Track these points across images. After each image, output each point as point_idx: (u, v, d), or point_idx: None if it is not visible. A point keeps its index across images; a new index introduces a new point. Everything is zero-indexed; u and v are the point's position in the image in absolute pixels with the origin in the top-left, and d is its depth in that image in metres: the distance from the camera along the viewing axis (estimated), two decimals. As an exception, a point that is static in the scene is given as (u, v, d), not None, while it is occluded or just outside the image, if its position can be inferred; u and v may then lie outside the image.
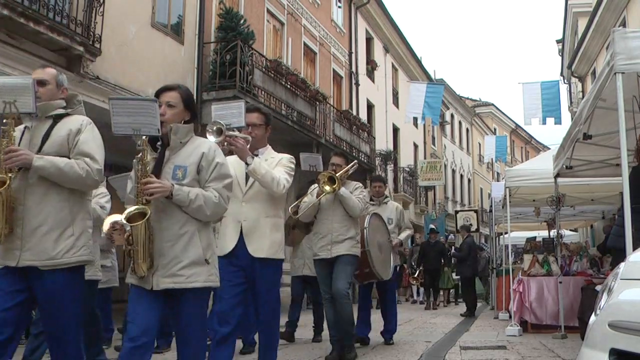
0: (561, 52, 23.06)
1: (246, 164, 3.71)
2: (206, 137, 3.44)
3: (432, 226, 17.44)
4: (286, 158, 4.02)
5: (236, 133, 3.71)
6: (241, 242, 3.77)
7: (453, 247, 12.31)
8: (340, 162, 5.65)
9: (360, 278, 5.98)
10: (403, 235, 6.86)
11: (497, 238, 14.55)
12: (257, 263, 3.78)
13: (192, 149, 3.06)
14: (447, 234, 22.95)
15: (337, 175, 5.27)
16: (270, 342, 4.01)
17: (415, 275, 14.91)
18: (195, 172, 3.01)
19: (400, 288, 17.58)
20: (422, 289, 16.50)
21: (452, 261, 14.81)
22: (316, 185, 5.33)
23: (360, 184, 5.74)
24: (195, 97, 10.71)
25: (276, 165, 3.91)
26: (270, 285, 3.89)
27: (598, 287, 4.81)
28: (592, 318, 2.62)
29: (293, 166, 4.01)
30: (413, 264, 16.02)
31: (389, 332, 6.82)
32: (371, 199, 6.62)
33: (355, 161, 5.97)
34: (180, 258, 2.93)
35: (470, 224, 18.73)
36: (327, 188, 5.12)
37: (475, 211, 21.31)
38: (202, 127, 12.01)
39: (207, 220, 3.07)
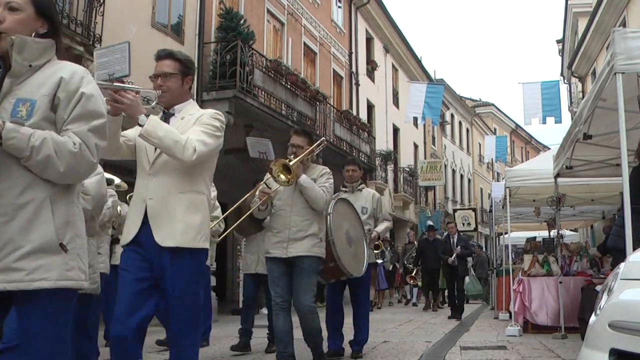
0: (561, 52, 23.08)
1: (138, 124, 2.85)
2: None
3: (430, 223, 16.45)
4: (208, 114, 3.10)
5: (125, 85, 2.88)
6: (146, 226, 2.92)
7: (459, 246, 11.71)
8: (300, 142, 4.59)
9: (325, 275, 4.94)
10: (380, 228, 5.84)
11: (497, 238, 14.56)
12: (167, 254, 2.89)
13: (47, 75, 2.07)
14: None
15: (293, 162, 4.32)
16: None
17: (413, 275, 14.17)
18: (48, 108, 2.03)
19: (394, 289, 17.22)
20: (415, 290, 16.07)
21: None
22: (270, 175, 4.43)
23: (328, 170, 4.73)
24: (195, 97, 10.73)
25: (193, 125, 3.02)
26: (184, 284, 2.94)
27: (598, 287, 4.82)
28: (592, 318, 2.62)
29: (218, 124, 3.07)
30: (406, 263, 15.47)
31: (358, 344, 5.70)
32: (343, 185, 5.88)
33: (323, 139, 4.98)
34: (19, 243, 1.95)
35: (469, 223, 18.67)
36: (282, 178, 4.27)
37: (474, 210, 21.23)
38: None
39: (62, 180, 2.05)
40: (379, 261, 13.08)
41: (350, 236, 5.10)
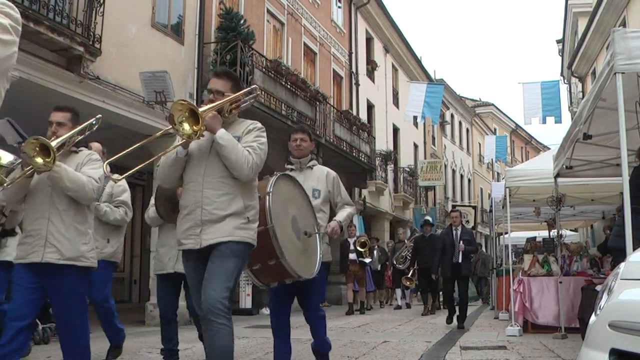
0: (561, 52, 23.08)
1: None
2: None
3: (427, 217, 14.76)
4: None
5: None
6: None
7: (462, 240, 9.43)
8: (221, 86, 3.44)
9: (264, 276, 3.73)
10: (342, 216, 4.47)
11: (497, 238, 14.55)
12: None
13: None
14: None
15: (205, 108, 3.21)
16: None
17: (409, 276, 12.98)
18: None
19: (383, 290, 15.99)
20: (407, 292, 15.08)
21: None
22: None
23: (260, 126, 3.46)
24: (195, 97, 10.73)
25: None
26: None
27: (598, 287, 4.82)
28: (592, 318, 2.62)
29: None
30: (395, 263, 14.13)
31: (322, 356, 4.51)
32: (289, 161, 4.58)
33: (255, 87, 3.76)
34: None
35: (467, 221, 18.48)
36: (186, 128, 3.08)
37: (474, 207, 21.01)
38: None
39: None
40: (367, 260, 12.67)
41: (298, 226, 3.85)
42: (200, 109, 3.09)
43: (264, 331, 6.33)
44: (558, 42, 24.22)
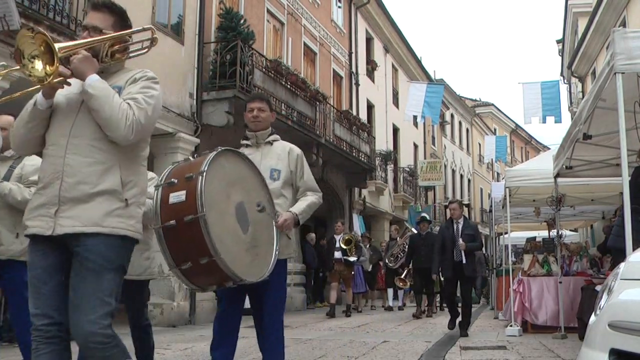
0: (561, 52, 23.09)
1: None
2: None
3: (423, 214, 13.96)
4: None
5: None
6: None
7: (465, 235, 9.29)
8: (100, 22, 2.58)
9: (198, 278, 2.91)
10: (300, 206, 3.62)
11: (497, 238, 14.55)
12: None
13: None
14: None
15: (66, 45, 2.44)
16: None
17: (403, 276, 12.24)
18: None
19: (375, 291, 15.16)
20: (401, 292, 14.33)
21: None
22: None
23: (151, 75, 2.65)
24: (195, 97, 10.73)
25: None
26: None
27: (598, 287, 4.82)
28: (592, 318, 2.62)
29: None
30: (387, 262, 13.36)
31: None
32: (244, 137, 3.83)
33: (149, 26, 2.77)
34: None
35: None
36: (36, 69, 2.30)
37: (467, 205, 20.88)
38: (203, 126, 11.79)
39: None
40: (352, 259, 11.57)
41: (246, 216, 3.09)
42: (60, 44, 2.34)
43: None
44: (558, 42, 24.23)
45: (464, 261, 7.79)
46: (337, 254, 11.56)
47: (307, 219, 3.72)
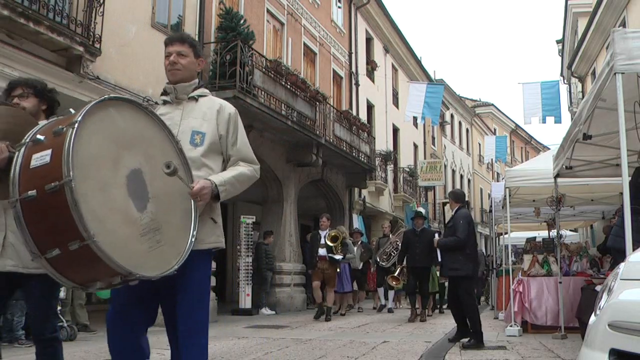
0: (561, 52, 23.10)
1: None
2: None
3: (419, 209, 13.10)
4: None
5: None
6: None
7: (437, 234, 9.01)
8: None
9: (72, 271, 2.17)
10: (225, 175, 2.73)
11: (497, 238, 14.55)
12: None
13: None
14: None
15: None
16: None
17: (396, 275, 11.05)
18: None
19: (365, 292, 14.37)
20: (391, 293, 13.09)
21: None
22: None
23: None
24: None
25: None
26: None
27: (598, 287, 4.82)
28: (592, 318, 2.62)
29: None
30: (378, 260, 12.56)
31: None
32: (163, 91, 2.95)
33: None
34: None
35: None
36: None
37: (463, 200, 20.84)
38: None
39: None
40: (337, 257, 10.69)
41: (144, 187, 2.37)
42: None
43: (264, 331, 6.34)
44: (558, 42, 24.25)
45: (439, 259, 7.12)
46: (322, 251, 10.64)
47: (306, 219, 3.33)
